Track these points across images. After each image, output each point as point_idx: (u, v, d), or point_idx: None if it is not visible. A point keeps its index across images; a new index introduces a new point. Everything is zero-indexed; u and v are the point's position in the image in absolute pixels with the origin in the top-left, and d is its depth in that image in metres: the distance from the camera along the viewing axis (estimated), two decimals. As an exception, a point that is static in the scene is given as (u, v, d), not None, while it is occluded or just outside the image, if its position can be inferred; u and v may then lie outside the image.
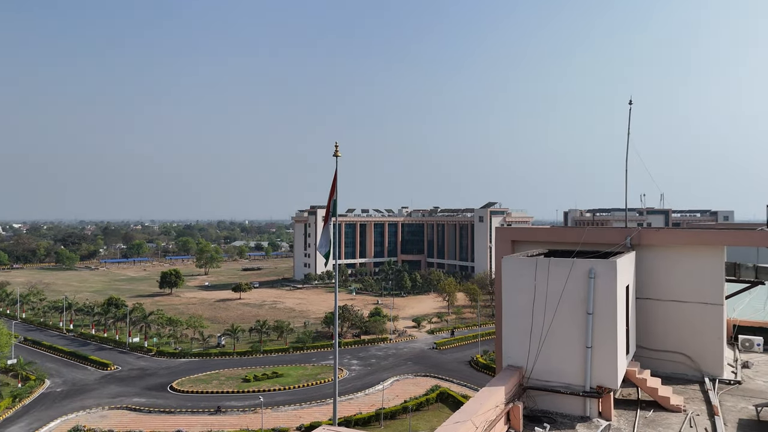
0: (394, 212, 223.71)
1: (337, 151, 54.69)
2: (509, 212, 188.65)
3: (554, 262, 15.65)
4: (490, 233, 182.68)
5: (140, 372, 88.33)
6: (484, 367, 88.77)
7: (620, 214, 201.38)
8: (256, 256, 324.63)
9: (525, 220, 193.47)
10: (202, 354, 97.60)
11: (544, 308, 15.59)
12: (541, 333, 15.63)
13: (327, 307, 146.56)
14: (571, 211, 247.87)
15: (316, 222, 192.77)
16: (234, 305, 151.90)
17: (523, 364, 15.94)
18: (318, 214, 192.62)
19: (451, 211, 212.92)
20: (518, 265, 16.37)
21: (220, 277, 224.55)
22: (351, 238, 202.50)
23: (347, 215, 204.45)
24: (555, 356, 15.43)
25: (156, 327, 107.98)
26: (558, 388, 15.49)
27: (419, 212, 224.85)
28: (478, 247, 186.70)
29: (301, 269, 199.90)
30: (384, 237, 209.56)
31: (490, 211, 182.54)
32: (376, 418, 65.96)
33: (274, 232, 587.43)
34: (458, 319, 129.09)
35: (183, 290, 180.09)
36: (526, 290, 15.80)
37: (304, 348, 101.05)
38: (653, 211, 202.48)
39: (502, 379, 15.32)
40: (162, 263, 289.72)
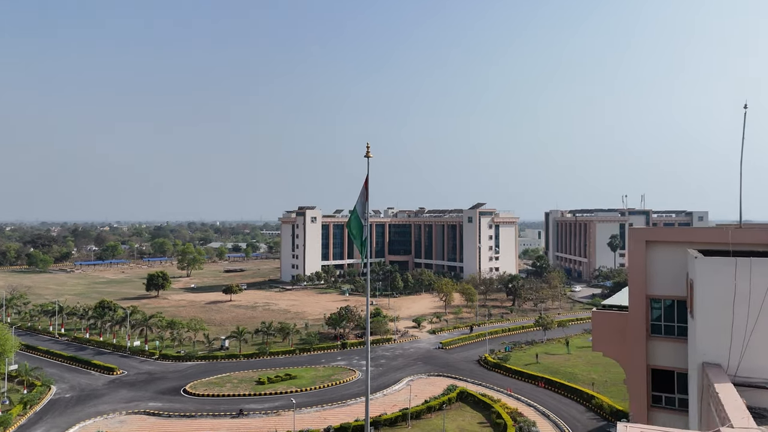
0: (381, 213, 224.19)
1: (369, 152, 54.87)
2: (497, 213, 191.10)
3: (756, 261, 16.43)
4: (479, 234, 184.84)
5: (148, 376, 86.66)
6: (495, 366, 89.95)
7: (604, 215, 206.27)
8: (236, 257, 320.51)
9: (512, 221, 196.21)
10: (208, 357, 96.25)
11: (747, 307, 16.37)
12: (744, 331, 16.42)
13: (322, 308, 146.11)
14: (552, 211, 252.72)
15: (304, 223, 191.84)
16: (226, 307, 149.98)
17: (724, 361, 16.67)
18: (307, 215, 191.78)
19: (438, 212, 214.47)
20: (716, 265, 17.10)
21: (204, 278, 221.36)
22: (339, 239, 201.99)
23: (335, 216, 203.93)
24: (763, 353, 16.19)
25: (158, 330, 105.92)
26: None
27: (405, 213, 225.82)
28: (467, 247, 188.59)
29: (289, 270, 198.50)
30: (371, 238, 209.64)
31: (479, 212, 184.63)
32: (402, 418, 66.27)
33: (248, 233, 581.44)
34: (456, 318, 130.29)
35: (169, 292, 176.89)
36: (724, 289, 16.54)
37: (311, 349, 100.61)
38: (634, 212, 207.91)
39: (719, 376, 16.01)
40: (140, 265, 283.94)
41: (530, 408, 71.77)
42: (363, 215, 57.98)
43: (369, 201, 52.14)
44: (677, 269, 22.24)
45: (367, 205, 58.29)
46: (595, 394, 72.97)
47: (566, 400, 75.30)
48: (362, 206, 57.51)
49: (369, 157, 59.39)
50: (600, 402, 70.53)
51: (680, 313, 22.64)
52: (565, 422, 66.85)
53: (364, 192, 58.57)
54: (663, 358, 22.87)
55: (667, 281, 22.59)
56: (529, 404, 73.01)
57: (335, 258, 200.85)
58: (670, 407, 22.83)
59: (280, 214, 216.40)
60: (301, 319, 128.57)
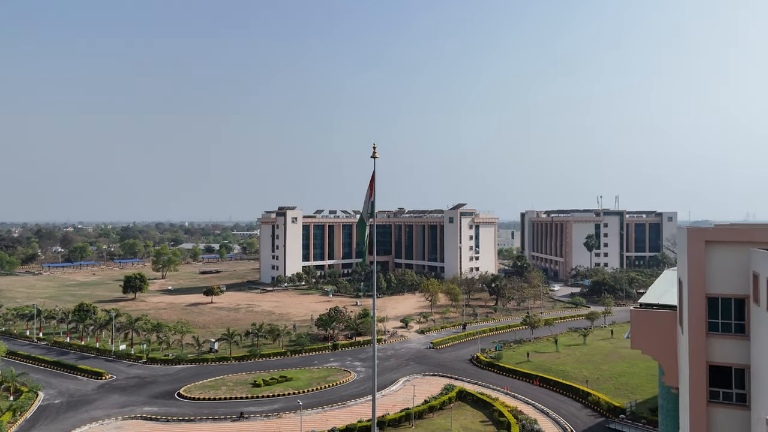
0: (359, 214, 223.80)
1: (375, 153, 55.28)
2: (477, 213, 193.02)
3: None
4: (459, 234, 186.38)
5: (139, 380, 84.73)
6: (488, 365, 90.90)
7: (580, 215, 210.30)
8: (209, 258, 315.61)
9: (491, 221, 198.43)
10: (198, 360, 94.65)
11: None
12: None
13: (306, 309, 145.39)
14: (528, 212, 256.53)
15: (285, 223, 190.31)
16: (208, 309, 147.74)
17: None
18: (287, 215, 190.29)
19: (418, 212, 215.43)
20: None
21: (179, 280, 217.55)
22: (320, 239, 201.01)
23: (315, 216, 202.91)
24: None
25: (144, 333, 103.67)
26: None
27: (384, 213, 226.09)
28: (448, 247, 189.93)
29: (269, 271, 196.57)
30: (352, 238, 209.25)
31: (460, 212, 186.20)
32: (406, 418, 66.46)
33: (219, 234, 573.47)
34: (443, 318, 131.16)
35: (147, 295, 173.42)
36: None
37: (302, 351, 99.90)
38: (609, 212, 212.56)
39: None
40: (110, 267, 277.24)
41: (528, 406, 72.81)
42: (367, 215, 57.98)
43: (371, 201, 52.35)
44: (736, 268, 23.00)
45: (372, 205, 58.27)
46: (592, 391, 74.49)
47: (562, 397, 76.64)
48: (367, 206, 57.49)
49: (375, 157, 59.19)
50: (596, 399, 72.04)
51: (738, 310, 23.41)
52: (564, 419, 68.03)
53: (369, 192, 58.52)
54: (721, 355, 23.61)
55: (725, 280, 23.32)
56: (527, 402, 74.07)
57: (316, 259, 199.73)
58: (728, 402, 23.59)
59: (251, 215, 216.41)
60: (286, 320, 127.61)
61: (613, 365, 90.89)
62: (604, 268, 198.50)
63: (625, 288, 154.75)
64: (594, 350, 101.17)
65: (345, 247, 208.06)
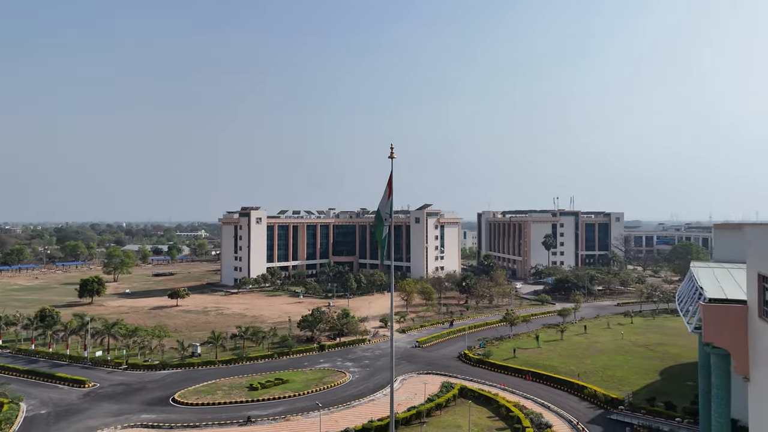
0: (326, 212, 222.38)
1: (393, 153, 56.68)
2: (442, 213, 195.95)
3: None
4: (426, 234, 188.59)
5: (125, 387, 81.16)
6: (478, 362, 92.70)
7: (537, 216, 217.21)
8: (160, 260, 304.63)
9: (455, 221, 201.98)
10: (183, 365, 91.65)
11: None
12: None
13: (279, 311, 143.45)
14: (484, 213, 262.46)
15: (249, 224, 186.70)
16: (175, 313, 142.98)
17: None
18: (252, 215, 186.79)
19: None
20: None
21: (134, 283, 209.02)
22: (284, 240, 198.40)
23: (279, 217, 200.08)
24: None
25: (122, 339, 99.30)
26: None
27: (347, 214, 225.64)
28: (414, 247, 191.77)
29: (231, 273, 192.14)
30: (316, 239, 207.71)
31: (426, 213, 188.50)
32: (416, 416, 66.99)
33: (163, 235, 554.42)
34: (419, 317, 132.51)
35: (104, 299, 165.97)
36: None
37: (289, 353, 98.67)
38: (565, 213, 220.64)
39: None
40: (53, 270, 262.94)
41: (528, 400, 74.87)
42: (386, 214, 58.71)
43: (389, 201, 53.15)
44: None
45: (390, 205, 58.98)
46: (587, 384, 77.56)
47: (557, 391, 79.29)
48: (385, 206, 58.19)
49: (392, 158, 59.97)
50: (592, 391, 75.07)
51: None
52: (566, 412, 70.49)
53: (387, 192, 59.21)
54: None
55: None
56: (526, 397, 76.18)
57: (280, 260, 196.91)
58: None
59: (192, 216, 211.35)
60: (260, 322, 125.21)
61: (595, 359, 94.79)
62: (561, 266, 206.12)
63: (587, 285, 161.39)
64: (572, 345, 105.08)
65: (309, 247, 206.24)
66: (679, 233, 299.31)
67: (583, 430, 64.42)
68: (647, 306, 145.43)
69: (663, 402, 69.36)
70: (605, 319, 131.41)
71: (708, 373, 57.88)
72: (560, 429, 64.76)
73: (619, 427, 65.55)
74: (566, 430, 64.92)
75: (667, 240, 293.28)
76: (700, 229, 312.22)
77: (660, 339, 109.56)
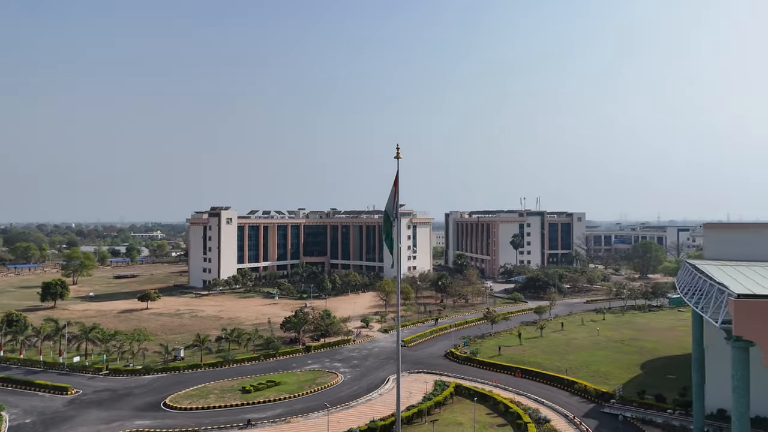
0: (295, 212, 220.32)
1: (399, 153, 57.77)
2: (415, 213, 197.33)
3: None
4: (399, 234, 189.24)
5: (111, 393, 78.47)
6: (466, 360, 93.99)
7: (505, 216, 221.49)
8: (119, 262, 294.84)
9: (427, 221, 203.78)
10: (168, 369, 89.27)
11: None
12: None
13: (254, 312, 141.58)
14: (452, 213, 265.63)
15: (219, 224, 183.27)
16: (146, 316, 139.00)
17: None
18: (222, 216, 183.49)
19: (353, 213, 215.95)
20: None
21: (95, 286, 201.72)
22: (254, 240, 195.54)
23: (250, 217, 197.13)
24: None
25: (100, 344, 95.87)
26: None
27: (317, 214, 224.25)
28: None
29: (200, 275, 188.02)
30: (287, 239, 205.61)
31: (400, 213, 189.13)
32: (417, 415, 67.47)
33: (117, 236, 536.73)
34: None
35: (68, 302, 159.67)
36: None
37: (276, 355, 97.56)
38: (532, 213, 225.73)
39: None
40: (4, 273, 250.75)
41: (522, 396, 76.42)
42: (392, 214, 59.29)
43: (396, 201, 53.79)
44: None
45: (397, 205, 59.62)
46: (577, 380, 79.85)
47: (548, 386, 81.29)
48: (391, 206, 58.77)
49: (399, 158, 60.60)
50: (583, 386, 77.37)
51: None
52: (560, 407, 72.40)
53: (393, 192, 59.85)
54: None
55: None
56: (520, 393, 77.74)
57: (250, 261, 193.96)
58: None
59: (145, 216, 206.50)
60: (238, 324, 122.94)
61: (577, 355, 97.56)
62: (528, 265, 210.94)
63: (557, 283, 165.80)
64: (552, 342, 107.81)
65: (280, 248, 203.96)
66: (635, 233, 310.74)
67: (580, 423, 66.36)
68: (615, 303, 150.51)
69: (653, 395, 72.12)
70: (578, 316, 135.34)
71: (701, 366, 60.68)
72: (557, 423, 66.48)
73: (612, 420, 67.88)
74: (563, 424, 66.73)
75: (624, 239, 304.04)
76: (655, 228, 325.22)
77: (633, 334, 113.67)
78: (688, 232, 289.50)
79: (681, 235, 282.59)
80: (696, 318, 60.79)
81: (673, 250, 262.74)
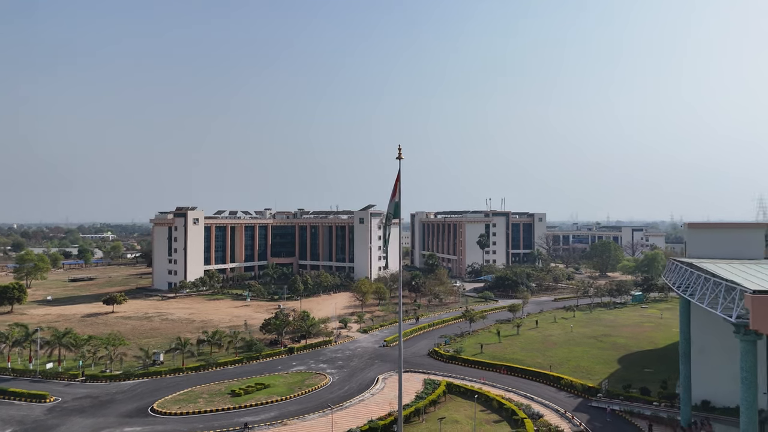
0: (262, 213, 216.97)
1: (401, 154, 59.57)
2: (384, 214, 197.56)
3: None
4: (370, 234, 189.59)
5: (93, 400, 75.49)
6: (451, 358, 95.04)
7: (472, 216, 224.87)
8: (72, 264, 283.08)
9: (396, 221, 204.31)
10: (149, 374, 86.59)
11: None
12: None
13: (227, 314, 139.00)
14: (417, 213, 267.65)
15: (185, 225, 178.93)
16: (113, 320, 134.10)
17: None
18: (189, 216, 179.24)
19: (322, 213, 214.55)
20: None
21: (50, 289, 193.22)
22: (221, 241, 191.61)
23: (217, 217, 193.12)
24: None
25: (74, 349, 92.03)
26: None
27: (283, 214, 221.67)
28: (358, 248, 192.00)
29: (165, 277, 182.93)
30: (254, 240, 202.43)
31: (371, 213, 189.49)
32: (414, 414, 67.88)
33: (65, 237, 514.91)
34: (374, 317, 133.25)
35: (25, 307, 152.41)
36: None
37: (259, 357, 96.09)
38: (497, 213, 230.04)
39: None
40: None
41: (512, 393, 77.89)
42: (391, 214, 60.13)
43: (395, 201, 54.60)
44: None
45: (397, 205, 60.56)
46: (562, 375, 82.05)
47: (535, 383, 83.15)
48: (391, 206, 59.57)
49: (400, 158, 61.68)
50: (569, 381, 79.59)
51: None
52: (551, 402, 74.26)
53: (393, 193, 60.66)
54: None
55: None
56: (509, 390, 79.20)
57: (217, 262, 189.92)
58: None
59: (92, 217, 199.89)
60: (213, 327, 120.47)
61: (556, 351, 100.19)
62: (494, 264, 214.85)
63: (525, 282, 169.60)
64: (529, 339, 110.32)
65: (247, 249, 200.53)
66: (591, 233, 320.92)
67: (573, 417, 68.29)
68: (583, 300, 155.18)
69: (638, 388, 74.89)
70: (550, 314, 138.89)
71: (688, 360, 63.53)
72: (550, 418, 68.21)
73: (601, 413, 70.14)
74: (556, 418, 68.50)
75: (581, 239, 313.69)
76: (610, 228, 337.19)
77: (605, 331, 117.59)
78: (642, 232, 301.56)
79: (635, 235, 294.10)
80: (683, 314, 63.62)
81: (628, 249, 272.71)
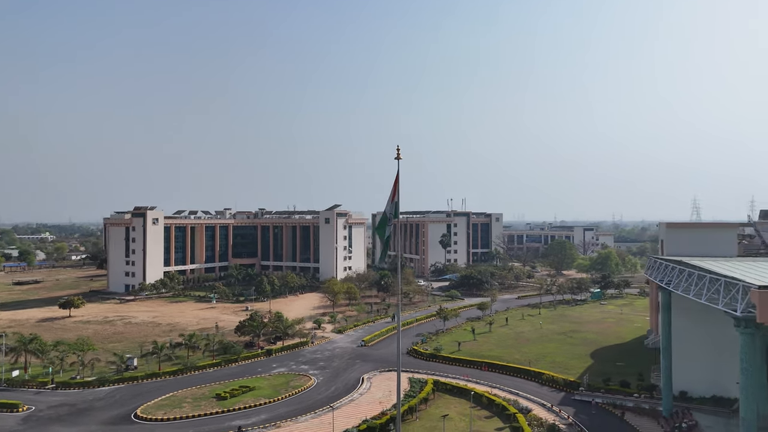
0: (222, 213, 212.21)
1: (399, 155, 61.21)
2: (350, 214, 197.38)
3: None
4: (336, 234, 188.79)
5: (69, 408, 72.04)
6: (431, 356, 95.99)
7: (434, 216, 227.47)
8: (14, 267, 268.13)
9: (361, 221, 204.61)
10: (125, 379, 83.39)
11: None
12: None
13: (193, 317, 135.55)
14: (378, 213, 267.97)
15: (144, 225, 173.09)
16: (71, 325, 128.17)
17: None
18: (148, 216, 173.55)
19: (285, 213, 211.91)
20: None
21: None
22: (181, 242, 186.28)
23: (177, 217, 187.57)
24: None
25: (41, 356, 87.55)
26: None
27: (244, 214, 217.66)
28: (324, 248, 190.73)
29: (122, 279, 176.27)
30: (215, 241, 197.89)
31: (336, 213, 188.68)
32: (408, 412, 68.29)
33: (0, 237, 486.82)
34: (346, 317, 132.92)
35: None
36: None
37: (237, 360, 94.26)
38: (458, 213, 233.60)
39: None
40: None
41: (497, 389, 79.39)
42: (390, 215, 61.25)
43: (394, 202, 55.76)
44: None
45: (396, 206, 61.51)
46: (544, 371, 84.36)
47: (517, 379, 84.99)
48: (390, 207, 60.56)
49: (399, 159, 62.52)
50: (551, 377, 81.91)
51: None
52: (535, 396, 76.29)
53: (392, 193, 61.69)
54: None
55: None
56: (494, 386, 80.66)
57: (177, 264, 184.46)
58: None
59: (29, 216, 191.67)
60: (181, 330, 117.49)
61: (531, 348, 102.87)
62: (455, 263, 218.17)
63: (489, 280, 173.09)
64: (502, 336, 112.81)
65: (208, 250, 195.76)
66: (544, 232, 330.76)
67: (560, 411, 70.46)
68: (545, 298, 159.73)
69: (617, 381, 77.99)
70: (517, 311, 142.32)
71: (669, 354, 66.71)
72: (538, 412, 70.04)
73: (586, 406, 72.68)
74: (543, 412, 70.41)
75: (535, 238, 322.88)
76: (561, 228, 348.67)
77: (572, 327, 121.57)
78: (592, 232, 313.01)
79: (586, 234, 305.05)
80: (665, 310, 66.80)
81: (580, 248, 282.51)
